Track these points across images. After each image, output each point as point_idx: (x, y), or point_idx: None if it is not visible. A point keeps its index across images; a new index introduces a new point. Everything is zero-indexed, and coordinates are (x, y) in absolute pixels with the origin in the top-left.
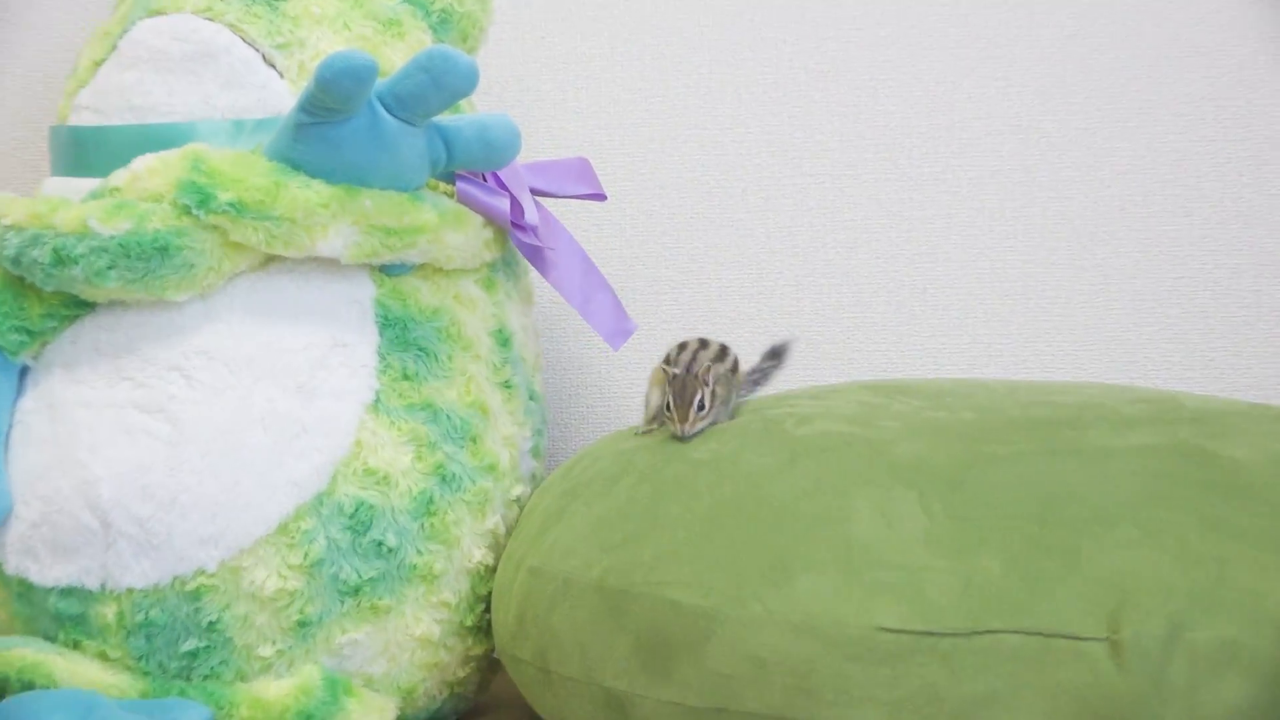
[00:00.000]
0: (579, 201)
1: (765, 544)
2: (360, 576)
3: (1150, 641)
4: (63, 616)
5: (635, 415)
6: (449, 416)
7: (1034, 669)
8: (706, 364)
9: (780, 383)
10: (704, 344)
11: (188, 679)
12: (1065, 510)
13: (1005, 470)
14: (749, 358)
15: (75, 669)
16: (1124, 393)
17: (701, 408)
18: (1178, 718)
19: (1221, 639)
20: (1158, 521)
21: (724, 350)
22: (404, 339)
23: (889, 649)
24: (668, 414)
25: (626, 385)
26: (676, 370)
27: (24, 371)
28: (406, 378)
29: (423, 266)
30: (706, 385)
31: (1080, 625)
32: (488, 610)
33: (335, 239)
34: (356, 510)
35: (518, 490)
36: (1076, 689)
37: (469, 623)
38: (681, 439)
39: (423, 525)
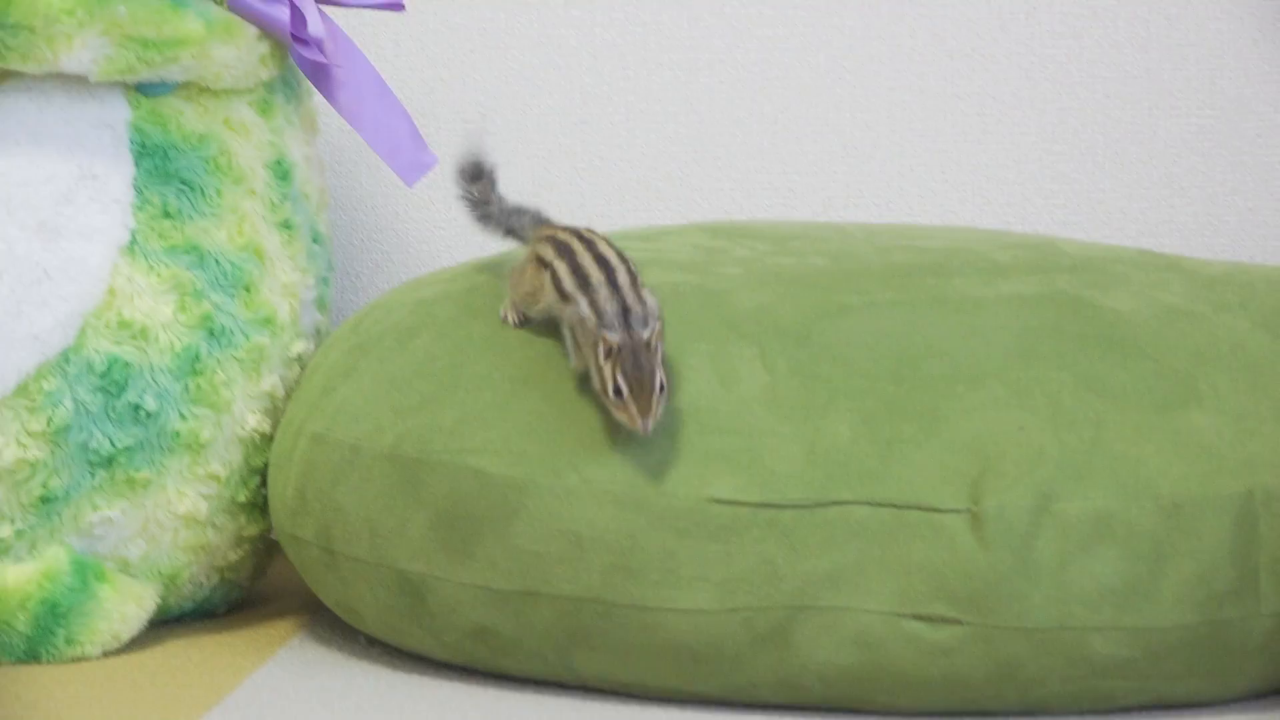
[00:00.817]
0: (372, 11)
1: (583, 407)
2: (114, 445)
3: (1015, 513)
4: None
5: (436, 262)
6: (217, 261)
7: (885, 544)
8: (656, 317)
9: (609, 224)
10: (619, 260)
11: None
12: (925, 367)
13: (858, 322)
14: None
15: None
16: (997, 238)
17: (662, 388)
18: (1045, 596)
19: (1094, 510)
20: (1028, 380)
21: (626, 262)
22: (164, 170)
23: (722, 523)
24: (612, 400)
25: (426, 228)
26: (618, 338)
27: None
28: (167, 215)
29: (187, 86)
30: (657, 351)
31: (937, 496)
32: (263, 484)
33: (82, 51)
34: (109, 369)
35: (298, 347)
36: (932, 566)
37: (241, 498)
38: (643, 435)
39: (187, 386)
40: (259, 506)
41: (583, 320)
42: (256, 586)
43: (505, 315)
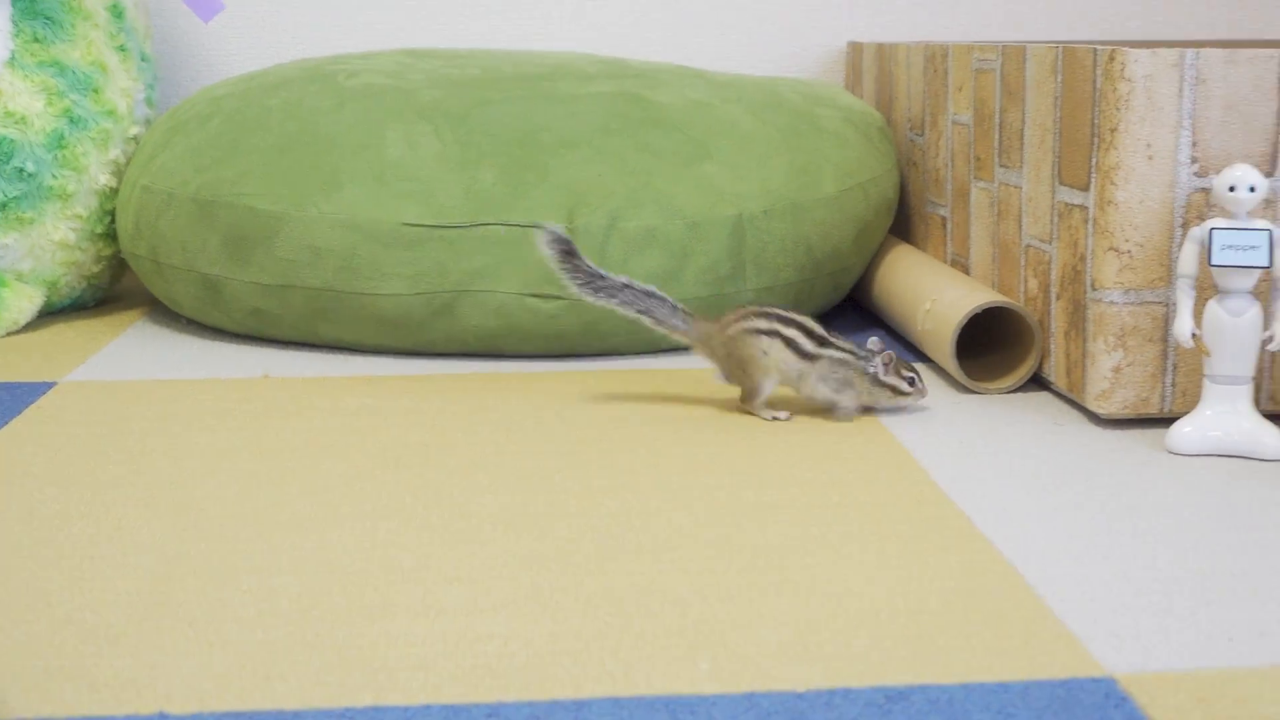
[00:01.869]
0: None
1: (320, 164)
2: (5, 195)
3: (596, 228)
4: None
5: (226, 72)
6: (74, 72)
7: (514, 250)
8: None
9: (332, 50)
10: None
11: None
12: (540, 138)
13: (499, 110)
14: None
15: None
16: (588, 57)
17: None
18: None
19: (645, 226)
20: (605, 146)
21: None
22: (33, 9)
23: (410, 238)
24: (909, 390)
25: (224, 55)
26: (881, 355)
27: None
28: (37, 40)
29: None
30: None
31: (547, 218)
32: (113, 221)
33: None
34: (1, 144)
35: (134, 130)
36: (543, 262)
37: (99, 230)
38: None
39: (56, 156)
40: (111, 235)
41: (844, 363)
42: (113, 289)
43: (768, 416)
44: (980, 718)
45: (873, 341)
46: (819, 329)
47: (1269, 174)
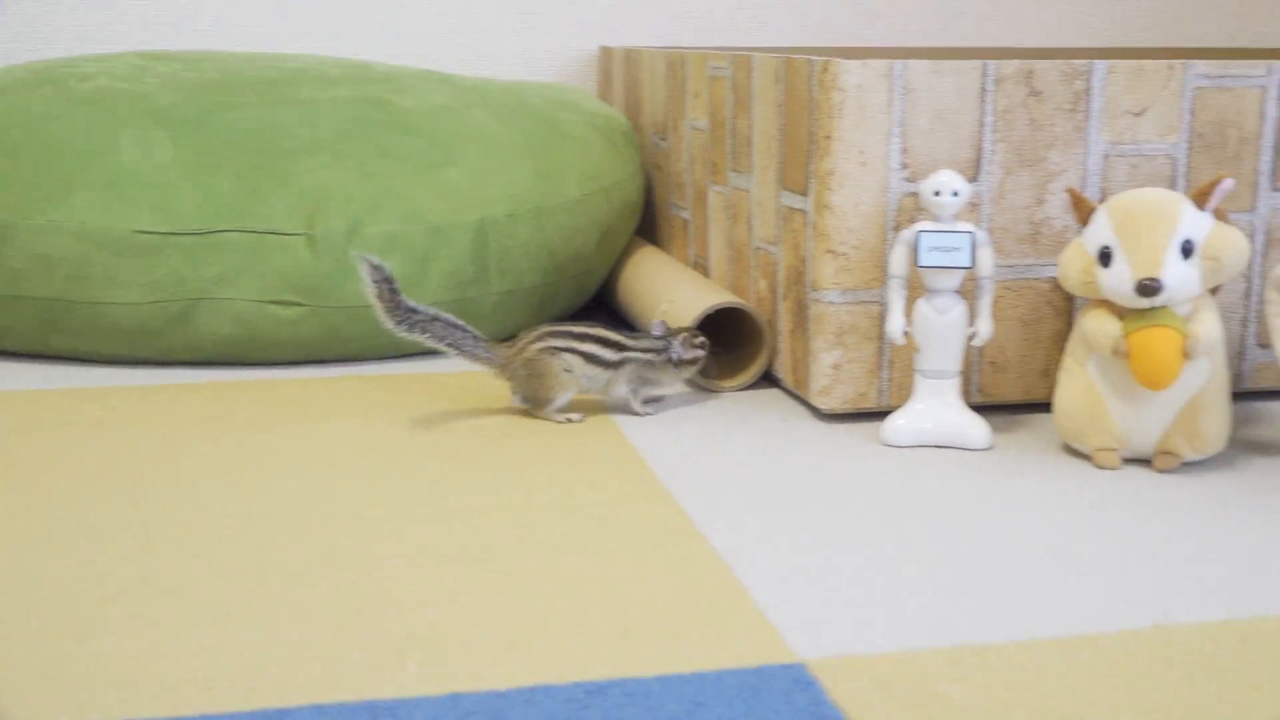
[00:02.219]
0: None
1: (49, 171)
2: None
3: (335, 235)
4: None
5: None
6: None
7: (252, 257)
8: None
9: (67, 52)
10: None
11: None
12: (279, 143)
13: (237, 115)
14: None
15: None
16: (331, 60)
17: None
18: (355, 289)
19: (386, 232)
20: (346, 151)
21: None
22: None
23: (144, 245)
24: (705, 354)
25: None
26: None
27: None
28: None
29: None
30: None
31: (286, 224)
32: None
33: None
34: None
35: None
36: (283, 269)
37: None
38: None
39: None
40: None
41: (650, 363)
42: None
43: (561, 419)
44: (673, 707)
45: (656, 325)
46: (614, 335)
47: (972, 179)
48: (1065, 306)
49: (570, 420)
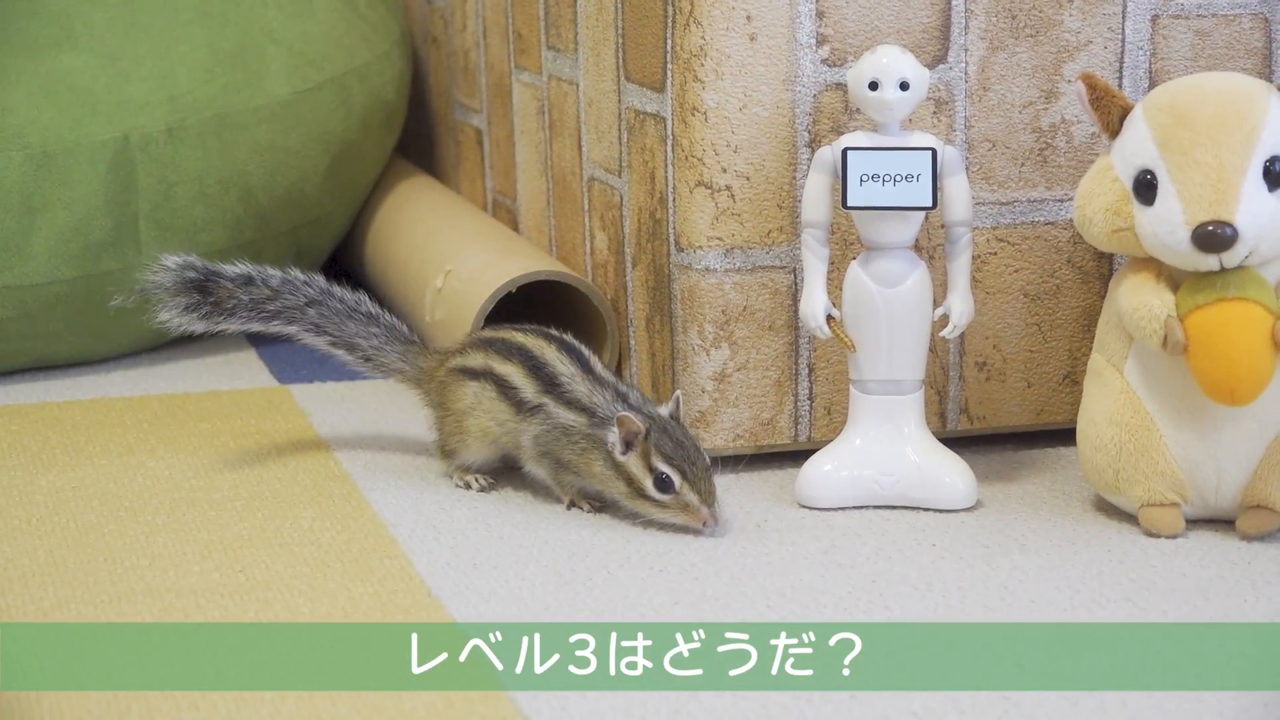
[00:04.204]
0: None
1: None
2: None
3: None
4: None
5: None
6: None
7: None
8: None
9: None
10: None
11: None
12: None
13: None
14: None
15: None
16: None
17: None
18: None
19: None
20: None
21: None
22: None
23: None
24: (657, 498)
25: None
26: (640, 420)
27: None
28: None
29: None
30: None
31: None
32: None
33: None
34: None
35: None
36: None
37: None
38: (710, 530)
39: None
40: None
41: (566, 428)
42: None
43: (458, 482)
44: None
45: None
46: (561, 363)
47: (935, 61)
48: (1096, 269)
49: (470, 487)
